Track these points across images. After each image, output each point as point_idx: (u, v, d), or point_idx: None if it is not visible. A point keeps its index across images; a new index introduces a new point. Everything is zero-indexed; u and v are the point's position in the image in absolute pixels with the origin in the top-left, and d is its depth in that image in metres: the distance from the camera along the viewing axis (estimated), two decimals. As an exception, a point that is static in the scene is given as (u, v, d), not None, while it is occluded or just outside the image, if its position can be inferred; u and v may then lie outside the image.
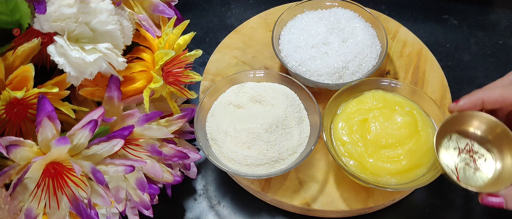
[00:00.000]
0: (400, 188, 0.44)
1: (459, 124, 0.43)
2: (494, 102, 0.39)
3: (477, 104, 0.40)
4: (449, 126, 0.43)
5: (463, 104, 0.41)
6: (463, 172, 0.42)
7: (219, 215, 0.51)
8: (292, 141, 0.47)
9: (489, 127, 0.42)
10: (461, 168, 0.42)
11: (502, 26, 0.67)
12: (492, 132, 0.42)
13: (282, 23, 0.57)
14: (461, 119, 0.43)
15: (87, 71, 0.37)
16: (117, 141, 0.37)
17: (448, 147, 0.43)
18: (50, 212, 0.36)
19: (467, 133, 0.43)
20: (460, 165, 0.42)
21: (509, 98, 0.39)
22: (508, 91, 0.39)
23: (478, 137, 0.43)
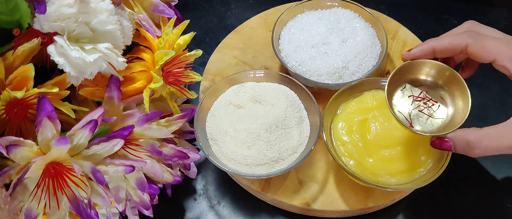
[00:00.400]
0: (400, 188, 0.44)
1: (411, 73, 0.44)
2: (444, 50, 0.40)
3: (429, 52, 0.41)
4: (402, 76, 0.44)
5: (415, 51, 0.42)
6: (416, 119, 0.43)
7: (219, 215, 0.51)
8: (292, 141, 0.47)
9: (439, 72, 0.43)
10: (414, 115, 0.43)
11: (502, 26, 0.67)
12: (442, 77, 0.43)
13: (282, 23, 0.57)
14: (413, 68, 0.44)
15: (87, 71, 0.37)
16: (117, 141, 0.37)
17: (402, 95, 0.44)
18: (50, 212, 0.36)
19: (419, 81, 0.44)
20: (413, 112, 0.43)
21: (459, 45, 0.39)
22: (458, 38, 0.40)
23: (430, 83, 0.44)
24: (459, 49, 0.40)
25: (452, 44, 0.40)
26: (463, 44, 0.39)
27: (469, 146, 0.38)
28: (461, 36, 0.39)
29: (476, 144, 0.38)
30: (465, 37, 0.39)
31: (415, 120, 0.42)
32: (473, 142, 0.38)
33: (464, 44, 0.39)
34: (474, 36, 0.39)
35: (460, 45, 0.39)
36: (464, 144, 0.38)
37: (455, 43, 0.40)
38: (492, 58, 0.38)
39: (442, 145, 0.40)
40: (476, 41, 0.39)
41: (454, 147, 0.39)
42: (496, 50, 0.38)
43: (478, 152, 0.38)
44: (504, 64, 0.38)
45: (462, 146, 0.39)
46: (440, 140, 0.40)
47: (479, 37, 0.39)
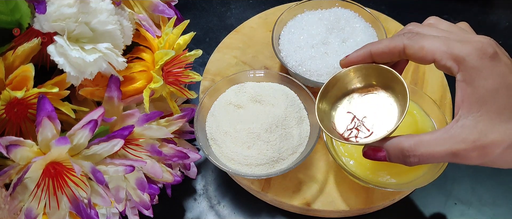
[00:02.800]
0: (400, 188, 0.44)
1: (346, 82, 0.41)
2: (381, 53, 0.37)
3: (366, 57, 0.38)
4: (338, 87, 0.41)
5: (351, 57, 0.39)
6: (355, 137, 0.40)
7: (219, 215, 0.51)
8: (292, 141, 0.47)
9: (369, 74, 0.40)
10: (353, 135, 0.40)
11: (502, 26, 0.67)
12: (371, 76, 0.40)
13: (282, 23, 0.57)
14: (347, 77, 0.41)
15: (87, 71, 0.37)
16: (117, 141, 0.37)
17: (340, 111, 0.41)
18: (50, 212, 0.36)
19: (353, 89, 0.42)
20: (352, 132, 0.40)
21: (396, 48, 0.36)
22: (394, 40, 0.36)
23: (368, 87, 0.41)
24: (396, 52, 0.36)
25: (389, 47, 0.37)
26: (400, 46, 0.36)
27: (404, 154, 0.35)
28: (398, 38, 0.36)
29: (411, 152, 0.35)
30: (402, 39, 0.36)
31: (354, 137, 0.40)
32: (408, 150, 0.35)
33: (401, 45, 0.36)
34: (411, 37, 0.36)
35: (398, 47, 0.36)
36: (398, 153, 0.36)
37: (392, 45, 0.36)
38: (431, 58, 0.35)
39: (375, 155, 0.37)
40: (414, 41, 0.35)
41: (388, 156, 0.37)
42: (435, 49, 0.34)
43: (414, 160, 0.35)
44: (444, 63, 0.34)
45: (396, 155, 0.36)
46: (374, 150, 0.37)
47: (416, 38, 0.36)
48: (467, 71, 0.33)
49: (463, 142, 0.33)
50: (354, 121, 0.40)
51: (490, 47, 0.33)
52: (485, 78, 0.33)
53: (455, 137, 0.33)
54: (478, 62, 0.33)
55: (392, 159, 0.36)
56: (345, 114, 0.41)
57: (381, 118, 0.40)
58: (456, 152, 0.33)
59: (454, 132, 0.34)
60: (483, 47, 0.33)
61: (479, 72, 0.33)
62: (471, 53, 0.33)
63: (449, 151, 0.34)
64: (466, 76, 0.33)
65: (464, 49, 0.33)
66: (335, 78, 0.41)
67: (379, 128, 0.39)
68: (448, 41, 0.34)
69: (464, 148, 0.33)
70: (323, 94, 0.41)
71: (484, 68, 0.33)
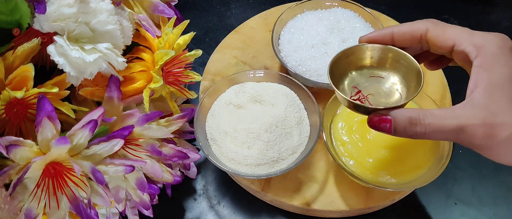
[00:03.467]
0: (400, 188, 0.44)
1: (357, 58, 0.41)
2: (403, 34, 0.38)
3: (387, 36, 0.39)
4: (348, 61, 0.41)
5: (373, 35, 0.40)
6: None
7: (219, 215, 0.51)
8: (292, 141, 0.47)
9: (385, 55, 0.40)
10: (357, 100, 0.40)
11: (502, 26, 0.67)
12: (389, 60, 0.40)
13: (282, 23, 0.57)
14: (357, 53, 0.41)
15: (87, 71, 0.37)
16: (117, 141, 0.37)
17: (347, 83, 0.41)
18: (50, 212, 0.36)
19: (366, 66, 0.41)
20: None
21: (419, 30, 0.37)
22: (418, 23, 0.38)
23: (379, 68, 0.41)
24: (419, 35, 0.38)
25: (412, 28, 0.38)
26: (423, 28, 0.37)
27: (411, 122, 0.34)
28: (422, 22, 0.38)
29: (418, 121, 0.34)
30: (426, 22, 0.38)
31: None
32: (415, 118, 0.34)
33: (425, 28, 0.37)
34: (435, 22, 0.38)
35: (420, 29, 0.37)
36: (405, 121, 0.34)
37: (415, 27, 0.38)
38: (451, 42, 0.36)
39: (380, 123, 0.36)
40: (437, 26, 0.37)
41: (394, 125, 0.35)
42: (456, 34, 0.36)
43: (420, 129, 0.34)
44: (463, 48, 0.35)
45: (403, 124, 0.35)
46: (380, 118, 0.36)
47: (440, 23, 0.37)
48: (486, 57, 0.34)
49: (472, 117, 0.33)
50: (358, 94, 0.40)
51: (510, 41, 0.35)
52: (503, 65, 0.34)
53: (465, 113, 0.33)
54: (497, 50, 0.34)
55: (398, 128, 0.35)
56: (350, 87, 0.41)
57: (386, 99, 0.40)
58: (464, 126, 0.33)
59: (465, 109, 0.33)
60: (504, 38, 0.35)
61: (497, 59, 0.34)
62: (492, 41, 0.35)
63: (457, 125, 0.33)
64: (483, 62, 0.34)
65: (485, 37, 0.35)
66: (350, 50, 0.40)
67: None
68: (469, 30, 0.36)
69: (472, 123, 0.33)
70: (335, 62, 0.40)
71: (503, 56, 0.34)
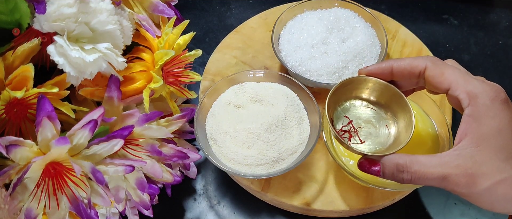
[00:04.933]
0: (400, 188, 0.44)
1: (356, 89, 0.43)
2: (402, 70, 0.39)
3: (386, 71, 0.40)
4: (346, 90, 0.42)
5: (372, 68, 0.41)
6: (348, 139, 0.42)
7: (219, 215, 0.51)
8: (292, 141, 0.47)
9: (382, 91, 0.42)
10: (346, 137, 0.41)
11: (502, 26, 0.67)
12: (385, 96, 0.42)
13: (282, 23, 0.57)
14: (358, 84, 0.42)
15: (87, 71, 0.37)
16: (117, 141, 0.37)
17: (340, 112, 0.43)
18: (50, 212, 0.36)
19: (363, 98, 0.43)
20: (345, 135, 0.42)
21: (417, 67, 0.38)
22: (418, 60, 0.39)
23: (373, 101, 0.43)
24: (417, 72, 0.39)
25: (411, 65, 0.39)
26: (422, 66, 0.38)
27: (398, 169, 0.36)
28: (421, 59, 0.39)
29: (405, 168, 0.36)
30: (425, 60, 0.38)
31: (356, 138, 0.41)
32: (402, 166, 0.36)
33: (423, 66, 0.38)
34: (434, 61, 0.38)
35: (419, 66, 0.38)
36: (393, 168, 0.37)
37: (414, 64, 0.39)
38: (447, 86, 0.37)
39: (370, 168, 0.38)
40: (436, 65, 0.38)
41: (383, 171, 0.37)
42: (453, 79, 0.37)
43: (406, 176, 0.36)
44: (457, 95, 0.36)
45: (391, 170, 0.37)
46: (369, 162, 0.38)
47: (439, 63, 0.38)
48: (477, 107, 0.35)
49: (456, 167, 0.34)
50: (349, 125, 0.41)
51: (503, 93, 0.36)
52: (492, 117, 0.35)
53: (450, 163, 0.35)
54: (489, 102, 0.35)
55: (386, 173, 0.37)
56: (342, 116, 0.43)
57: (375, 135, 0.42)
58: (447, 175, 0.34)
59: (450, 158, 0.35)
60: (498, 90, 0.36)
61: (488, 111, 0.35)
62: (486, 92, 0.35)
63: (441, 174, 0.35)
64: (474, 112, 0.35)
65: (480, 87, 0.36)
66: (350, 80, 0.42)
67: (371, 143, 0.41)
68: (467, 76, 0.37)
69: (455, 173, 0.34)
70: (335, 90, 0.41)
71: (494, 109, 0.35)
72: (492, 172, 0.34)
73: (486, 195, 0.34)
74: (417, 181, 0.36)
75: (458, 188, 0.34)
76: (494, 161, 0.34)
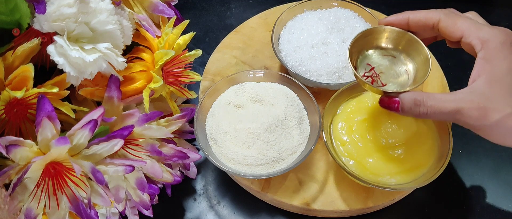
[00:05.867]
0: (400, 188, 0.44)
1: (375, 38, 0.45)
2: (418, 21, 0.42)
3: (403, 21, 0.43)
4: (366, 41, 0.45)
5: (390, 18, 0.44)
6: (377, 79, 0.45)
7: (219, 215, 0.51)
8: (292, 141, 0.47)
9: (398, 38, 0.45)
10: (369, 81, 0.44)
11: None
12: (401, 43, 0.45)
13: (282, 23, 0.57)
14: (376, 34, 0.45)
15: (87, 71, 0.37)
16: (117, 141, 0.37)
17: (362, 60, 0.46)
18: (50, 212, 0.36)
19: (382, 47, 0.46)
20: (368, 80, 0.44)
21: (432, 19, 0.41)
22: (433, 12, 0.42)
23: (392, 49, 0.46)
24: (431, 23, 0.42)
25: (426, 16, 0.42)
26: (436, 18, 0.41)
27: (415, 103, 0.39)
28: (436, 11, 0.42)
29: (421, 102, 0.39)
30: (439, 13, 0.41)
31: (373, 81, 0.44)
32: (419, 100, 0.39)
33: (437, 18, 0.41)
34: (448, 13, 0.41)
35: (434, 18, 0.41)
36: (411, 102, 0.39)
37: (429, 16, 0.42)
38: (460, 34, 0.40)
39: (390, 103, 0.41)
40: (449, 17, 0.41)
41: (402, 105, 0.40)
42: (465, 27, 0.40)
43: (423, 110, 0.39)
44: (469, 41, 0.39)
45: (409, 104, 0.39)
46: (389, 99, 0.41)
47: (452, 15, 0.41)
48: (489, 50, 0.38)
49: (469, 102, 0.37)
50: (372, 71, 0.44)
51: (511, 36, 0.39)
52: (504, 59, 0.37)
53: (464, 98, 0.37)
54: (500, 45, 0.38)
55: (404, 107, 0.40)
56: (365, 64, 0.45)
57: (395, 78, 0.44)
58: (460, 109, 0.37)
59: (464, 94, 0.38)
60: (507, 33, 0.39)
61: (499, 53, 0.38)
62: (496, 36, 0.38)
63: (454, 108, 0.37)
64: (486, 54, 0.38)
65: (490, 32, 0.39)
66: (369, 30, 0.45)
67: (392, 86, 0.44)
68: (478, 24, 0.40)
69: (468, 107, 0.37)
70: (355, 42, 0.44)
71: (504, 51, 0.38)
72: (503, 106, 0.36)
73: (497, 128, 0.37)
74: (433, 114, 0.38)
75: (471, 120, 0.37)
76: (505, 97, 0.37)
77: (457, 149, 0.54)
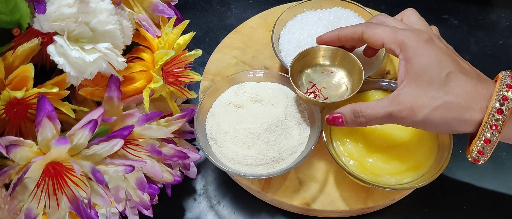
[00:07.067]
0: (400, 188, 0.44)
1: (313, 57, 0.50)
2: (345, 36, 0.46)
3: (334, 38, 0.47)
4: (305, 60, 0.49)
5: (325, 36, 0.48)
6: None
7: (219, 215, 0.51)
8: (292, 141, 0.47)
9: (334, 54, 0.49)
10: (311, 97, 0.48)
11: (502, 26, 0.67)
12: (336, 59, 0.49)
13: (282, 23, 0.57)
14: (314, 53, 0.49)
15: (87, 71, 0.37)
16: (117, 141, 0.37)
17: (304, 78, 0.50)
18: (50, 212, 0.36)
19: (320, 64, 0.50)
20: (311, 96, 0.48)
21: (356, 33, 0.45)
22: (356, 27, 0.45)
23: (328, 65, 0.50)
24: (357, 36, 0.45)
25: (352, 31, 0.45)
26: (359, 31, 0.44)
27: (356, 115, 0.42)
28: (359, 26, 0.45)
29: (360, 113, 0.42)
30: (361, 26, 0.44)
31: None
32: (358, 111, 0.42)
33: (361, 31, 0.44)
34: (368, 25, 0.44)
35: (357, 32, 0.44)
36: (351, 114, 0.42)
37: (353, 31, 0.45)
38: (381, 42, 0.42)
39: (334, 119, 0.44)
40: (369, 29, 0.43)
41: (345, 119, 0.43)
42: (384, 35, 0.42)
43: (362, 120, 0.42)
44: (390, 46, 0.42)
45: (350, 116, 0.42)
46: (332, 116, 0.44)
47: (372, 26, 0.44)
48: (406, 51, 0.41)
49: (397, 104, 0.40)
50: (314, 88, 0.49)
51: (425, 34, 0.41)
52: (420, 56, 0.40)
53: (393, 101, 0.40)
54: (415, 44, 0.40)
55: (347, 120, 0.43)
56: (307, 82, 0.49)
57: (335, 91, 0.49)
58: (391, 112, 0.40)
59: (394, 98, 0.40)
60: (419, 33, 0.41)
61: (415, 52, 0.40)
62: (410, 37, 0.41)
63: (387, 112, 0.40)
64: (405, 55, 0.41)
65: (405, 34, 0.41)
66: (306, 51, 0.49)
67: (332, 98, 0.47)
68: (395, 30, 0.42)
69: (398, 109, 0.40)
70: (294, 62, 0.48)
71: (420, 49, 0.40)
72: (427, 101, 0.39)
73: (428, 122, 0.39)
74: (371, 121, 0.42)
75: (403, 121, 0.40)
76: (428, 92, 0.39)
77: (457, 149, 0.54)
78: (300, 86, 0.49)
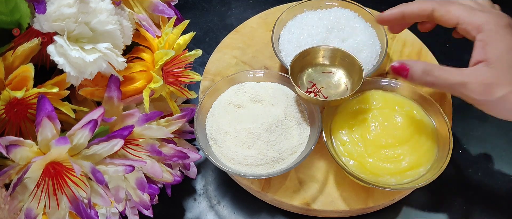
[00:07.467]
0: (400, 188, 0.44)
1: (313, 57, 0.50)
2: (412, 13, 0.45)
3: (398, 16, 0.46)
4: (305, 60, 0.50)
5: (385, 14, 0.46)
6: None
7: (219, 215, 0.51)
8: (292, 141, 0.47)
9: (332, 55, 0.50)
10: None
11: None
12: (336, 59, 0.50)
13: (282, 23, 0.57)
14: (314, 53, 0.50)
15: (87, 71, 0.37)
16: (117, 141, 0.37)
17: (304, 78, 0.51)
18: (50, 212, 0.36)
19: (320, 64, 0.51)
20: (311, 95, 0.48)
21: (426, 10, 0.43)
22: (425, 4, 0.44)
23: (328, 65, 0.51)
24: (426, 14, 0.43)
25: (419, 8, 0.44)
26: (430, 8, 0.43)
27: (424, 72, 0.41)
28: (428, 2, 0.43)
29: (430, 72, 0.41)
30: (431, 3, 0.43)
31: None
32: (428, 70, 0.41)
33: (431, 8, 0.43)
34: (440, 2, 0.43)
35: (427, 9, 0.43)
36: (420, 70, 0.41)
37: (422, 7, 0.43)
38: (455, 21, 0.42)
39: (400, 70, 0.42)
40: (442, 6, 0.42)
41: (411, 73, 0.42)
42: (459, 14, 0.41)
43: (430, 79, 0.41)
44: (466, 27, 0.41)
45: (418, 71, 0.41)
46: (400, 65, 0.42)
47: (445, 3, 0.43)
48: (485, 33, 0.40)
49: (474, 78, 0.39)
50: (314, 87, 0.49)
51: (506, 18, 0.41)
52: (500, 40, 0.40)
53: (469, 74, 0.40)
54: (494, 28, 0.40)
55: (414, 75, 0.41)
56: (307, 81, 0.50)
57: (335, 90, 0.49)
58: (466, 82, 0.39)
59: (469, 72, 0.40)
60: (498, 17, 0.41)
61: (495, 35, 0.40)
62: (489, 21, 0.40)
63: (460, 81, 0.39)
64: (484, 37, 0.40)
65: (483, 17, 0.41)
66: (307, 51, 0.49)
67: (332, 97, 0.48)
68: (471, 10, 0.41)
69: (474, 81, 0.39)
70: (294, 62, 0.48)
71: (499, 33, 0.40)
72: (506, 83, 0.38)
73: (500, 103, 0.39)
74: (439, 84, 0.41)
75: (475, 95, 0.39)
76: (506, 75, 0.39)
77: (457, 149, 0.54)
78: (300, 85, 0.49)
